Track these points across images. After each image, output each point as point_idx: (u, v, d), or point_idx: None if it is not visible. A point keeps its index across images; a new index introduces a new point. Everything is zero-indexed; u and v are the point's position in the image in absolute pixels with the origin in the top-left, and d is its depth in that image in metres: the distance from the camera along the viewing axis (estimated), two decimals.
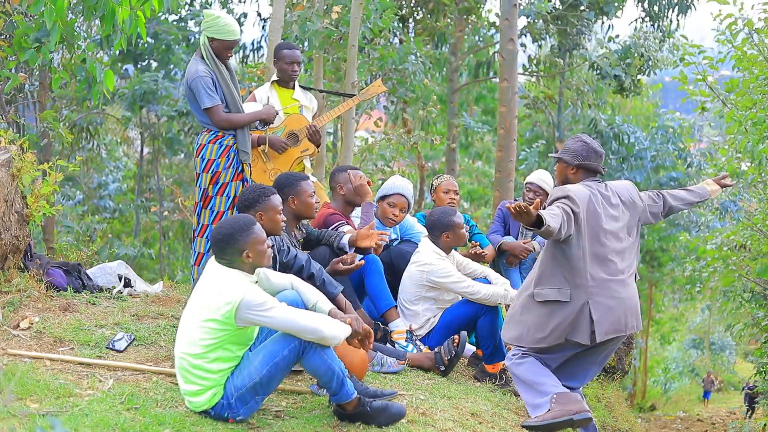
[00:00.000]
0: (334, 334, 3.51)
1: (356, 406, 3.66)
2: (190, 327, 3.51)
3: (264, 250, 3.58)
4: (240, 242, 3.51)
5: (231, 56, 5.04)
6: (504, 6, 10.22)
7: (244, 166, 5.02)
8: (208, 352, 3.45)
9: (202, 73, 4.85)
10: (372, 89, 5.82)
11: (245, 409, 3.51)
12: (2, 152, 4.85)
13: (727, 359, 29.88)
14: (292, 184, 4.68)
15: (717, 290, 10.67)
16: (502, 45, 10.27)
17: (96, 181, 18.19)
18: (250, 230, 3.54)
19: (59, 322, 4.47)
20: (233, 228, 3.53)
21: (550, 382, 4.06)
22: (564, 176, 4.32)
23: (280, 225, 4.19)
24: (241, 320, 3.42)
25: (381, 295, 4.92)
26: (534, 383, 4.09)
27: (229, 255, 3.53)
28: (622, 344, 6.78)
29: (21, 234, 4.90)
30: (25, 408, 3.28)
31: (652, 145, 19.07)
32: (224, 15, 4.93)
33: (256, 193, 4.17)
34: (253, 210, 4.11)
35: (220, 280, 3.49)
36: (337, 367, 3.56)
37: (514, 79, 10.26)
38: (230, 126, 4.94)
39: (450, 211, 5.16)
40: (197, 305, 3.51)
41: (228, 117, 4.92)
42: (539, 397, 4.04)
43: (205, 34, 4.89)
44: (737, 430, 10.38)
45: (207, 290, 3.50)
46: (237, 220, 3.58)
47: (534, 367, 4.14)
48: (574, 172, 4.28)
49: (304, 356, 3.50)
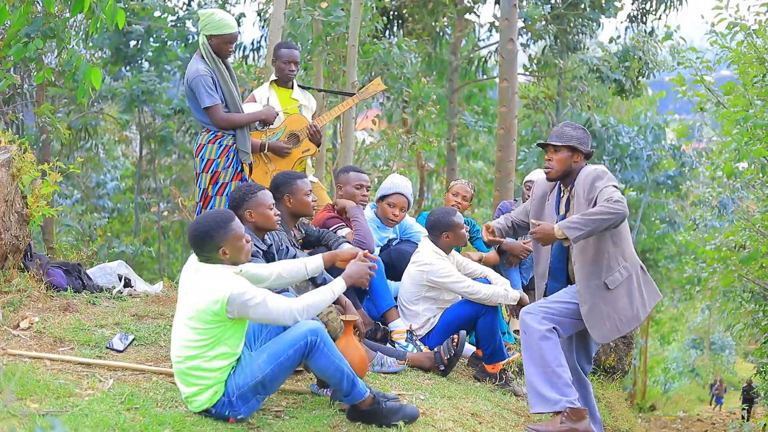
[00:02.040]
0: (323, 304, 3.59)
1: (371, 404, 3.64)
2: (182, 329, 3.49)
3: (242, 247, 3.53)
4: (216, 239, 3.46)
5: (231, 51, 5.04)
6: (504, 6, 10.22)
7: (244, 166, 5.01)
8: (207, 351, 3.44)
9: (202, 72, 4.85)
10: (371, 88, 5.81)
11: (246, 407, 3.50)
12: (2, 152, 4.84)
13: (727, 359, 29.89)
14: (287, 182, 4.69)
15: (717, 290, 10.68)
16: (502, 45, 10.27)
17: (94, 180, 18.19)
18: (227, 227, 3.48)
19: (59, 322, 4.47)
20: (209, 224, 3.48)
21: (565, 377, 4.04)
22: (568, 165, 4.31)
23: (273, 220, 4.18)
24: (231, 313, 3.40)
25: (381, 295, 4.92)
26: (552, 370, 4.03)
27: (206, 252, 3.49)
28: (622, 344, 6.78)
29: (21, 234, 4.90)
30: (25, 408, 3.27)
31: (647, 145, 19.14)
32: (218, 11, 4.94)
33: (243, 191, 4.20)
34: (242, 208, 4.13)
35: (205, 277, 3.46)
36: (345, 367, 3.53)
37: (514, 79, 10.27)
38: (230, 125, 4.93)
39: (450, 211, 5.16)
40: (186, 306, 3.48)
41: (228, 116, 4.91)
42: (551, 390, 4.01)
43: (203, 33, 4.90)
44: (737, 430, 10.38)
45: (193, 289, 3.47)
46: (214, 216, 3.52)
47: (557, 350, 4.09)
48: (578, 160, 4.31)
49: (310, 358, 3.48)
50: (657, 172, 20.25)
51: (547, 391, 4.02)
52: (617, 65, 14.79)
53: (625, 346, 6.88)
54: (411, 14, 14.49)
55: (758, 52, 7.40)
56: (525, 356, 4.13)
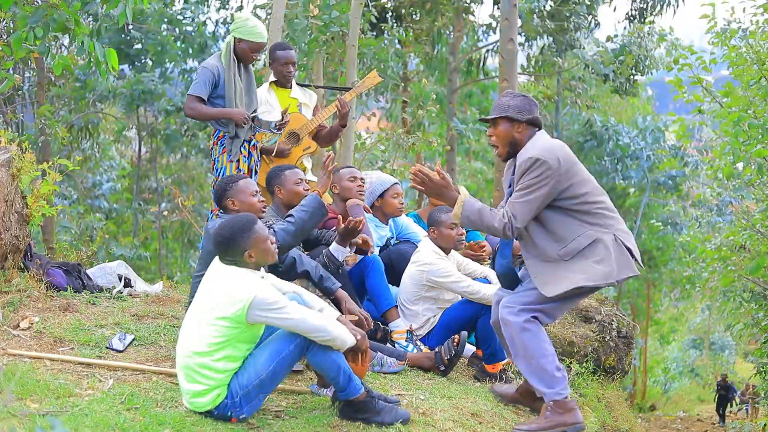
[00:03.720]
0: (343, 337, 3.53)
1: (365, 399, 3.65)
2: (197, 326, 3.50)
3: (267, 248, 3.57)
4: (242, 243, 3.50)
5: (255, 60, 5.16)
6: (504, 6, 10.22)
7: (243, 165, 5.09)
8: (216, 350, 3.45)
9: (208, 65, 5.00)
10: (367, 81, 5.79)
11: (249, 407, 3.51)
12: (2, 152, 4.84)
13: (727, 359, 29.92)
14: (276, 175, 4.75)
15: (717, 290, 10.70)
16: (502, 45, 10.27)
17: (90, 180, 18.20)
18: (251, 230, 3.53)
19: (59, 322, 4.47)
20: (234, 229, 3.53)
21: (550, 368, 3.87)
22: (510, 138, 3.95)
23: (256, 206, 4.24)
24: (252, 318, 3.42)
25: (381, 295, 4.92)
26: (536, 363, 3.87)
27: (231, 255, 3.53)
28: (622, 344, 6.78)
29: (21, 234, 4.90)
30: (25, 408, 3.27)
31: (647, 145, 19.15)
32: (254, 18, 5.10)
33: (224, 182, 4.30)
34: (225, 199, 4.23)
35: (229, 279, 3.49)
36: (342, 362, 3.56)
37: (514, 79, 10.26)
38: (195, 116, 5.05)
39: (445, 208, 5.13)
40: (205, 305, 3.50)
41: (195, 106, 5.00)
42: (539, 383, 3.88)
43: (233, 35, 5.04)
44: (737, 430, 10.39)
45: (215, 290, 3.49)
46: (237, 221, 3.57)
47: (538, 339, 3.88)
48: (521, 130, 3.95)
49: (309, 352, 3.51)
50: (657, 172, 20.26)
51: (536, 383, 3.93)
52: (611, 60, 14.80)
53: (625, 346, 6.88)
54: (409, 14, 14.49)
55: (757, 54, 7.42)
56: (511, 351, 4.01)
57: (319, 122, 5.62)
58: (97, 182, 18.44)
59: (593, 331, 6.11)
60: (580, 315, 6.24)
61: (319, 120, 5.62)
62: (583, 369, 5.75)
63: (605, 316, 6.23)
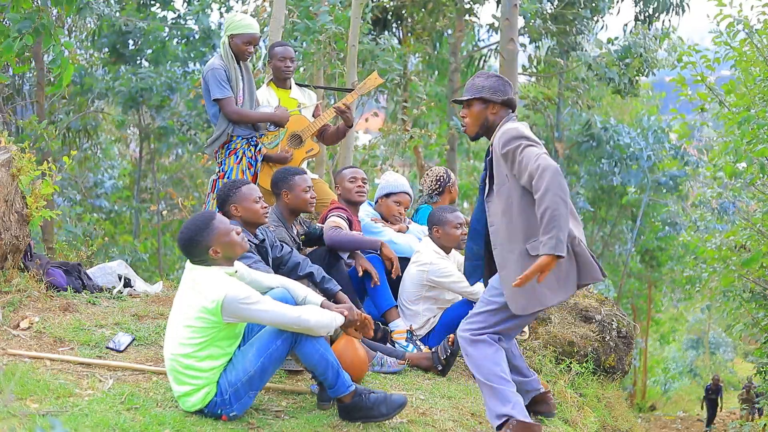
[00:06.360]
0: (321, 323, 3.50)
1: (353, 397, 3.62)
2: (177, 328, 3.51)
3: (231, 241, 3.53)
4: (203, 241, 3.48)
5: (251, 53, 5.15)
6: (505, 6, 10.22)
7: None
8: (199, 350, 3.45)
9: (216, 66, 5.00)
10: (369, 82, 5.77)
11: (239, 405, 3.50)
12: (2, 152, 4.84)
13: (722, 357, 29.94)
14: (285, 178, 4.72)
15: (717, 290, 10.70)
16: (502, 45, 10.27)
17: (92, 180, 18.21)
18: (209, 226, 3.50)
19: (59, 322, 4.46)
20: (192, 229, 3.50)
21: (509, 384, 3.67)
22: (483, 119, 3.79)
23: (259, 213, 4.20)
24: (227, 316, 3.41)
25: (381, 295, 4.92)
26: (494, 379, 3.65)
27: (197, 255, 3.51)
28: (622, 344, 6.77)
29: (21, 234, 4.90)
30: (25, 408, 3.27)
31: (647, 146, 19.13)
32: (241, 13, 5.24)
33: (227, 187, 4.26)
34: (228, 204, 4.18)
35: (201, 279, 3.48)
36: (331, 357, 3.55)
37: (514, 79, 10.26)
38: (240, 119, 5.02)
39: (448, 208, 5.13)
40: (182, 306, 3.51)
41: (239, 110, 5.01)
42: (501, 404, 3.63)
43: (226, 34, 5.08)
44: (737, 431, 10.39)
45: (190, 291, 3.50)
46: (195, 221, 3.54)
47: (491, 350, 3.67)
48: (495, 111, 3.79)
49: (297, 345, 3.50)
50: (657, 172, 20.24)
51: (498, 405, 3.64)
52: (614, 62, 14.78)
53: (625, 346, 6.87)
54: (411, 14, 14.49)
55: (762, 52, 7.41)
56: (470, 366, 3.79)
57: (321, 124, 5.61)
58: (98, 181, 18.46)
59: (593, 331, 6.10)
60: (580, 315, 6.23)
61: (322, 122, 5.61)
62: (583, 369, 5.75)
63: (605, 316, 6.22)
